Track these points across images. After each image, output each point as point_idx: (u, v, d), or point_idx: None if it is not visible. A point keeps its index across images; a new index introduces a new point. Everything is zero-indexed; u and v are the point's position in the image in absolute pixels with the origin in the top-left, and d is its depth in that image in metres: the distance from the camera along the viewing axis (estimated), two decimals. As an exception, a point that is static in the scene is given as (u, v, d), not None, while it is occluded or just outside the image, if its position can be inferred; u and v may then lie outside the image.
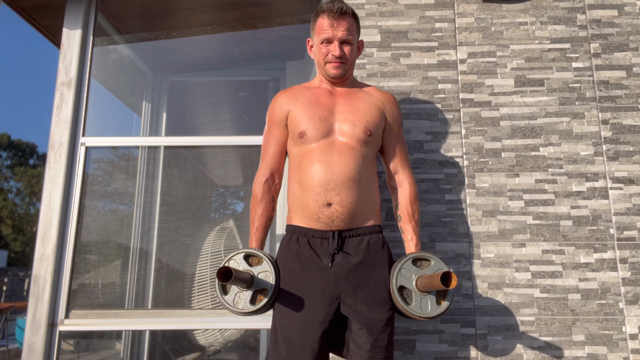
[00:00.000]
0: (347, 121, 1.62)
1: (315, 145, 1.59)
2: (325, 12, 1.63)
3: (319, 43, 1.65)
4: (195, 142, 2.40)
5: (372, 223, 1.61)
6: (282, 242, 1.64)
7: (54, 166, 2.18)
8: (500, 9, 2.25)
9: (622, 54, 2.18)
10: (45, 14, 2.55)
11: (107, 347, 3.44)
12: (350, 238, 1.56)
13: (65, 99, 2.26)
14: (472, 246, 2.00)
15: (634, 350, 1.89)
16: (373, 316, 1.50)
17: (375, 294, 1.53)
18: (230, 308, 1.50)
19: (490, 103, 2.15)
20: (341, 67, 1.65)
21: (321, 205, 1.54)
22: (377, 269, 1.56)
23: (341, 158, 1.56)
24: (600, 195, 2.04)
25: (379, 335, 1.50)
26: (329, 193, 1.54)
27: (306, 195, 1.57)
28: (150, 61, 3.40)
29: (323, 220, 1.55)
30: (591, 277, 1.96)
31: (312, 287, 1.52)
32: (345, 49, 1.64)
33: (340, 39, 1.62)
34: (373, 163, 1.68)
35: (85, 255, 2.44)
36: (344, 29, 1.62)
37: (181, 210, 2.97)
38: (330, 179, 1.54)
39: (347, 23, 1.62)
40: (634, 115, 2.12)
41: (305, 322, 1.49)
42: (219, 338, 3.12)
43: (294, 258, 1.56)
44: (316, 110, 1.63)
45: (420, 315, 1.50)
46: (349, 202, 1.54)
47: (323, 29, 1.63)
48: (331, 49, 1.63)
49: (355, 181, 1.56)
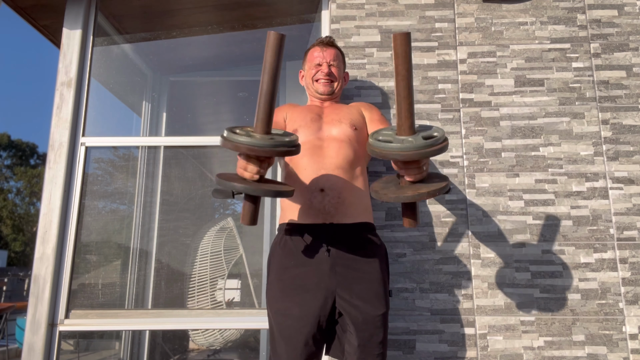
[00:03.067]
0: (334, 120, 1.76)
1: (307, 140, 1.69)
2: (315, 45, 1.90)
3: (310, 69, 1.88)
4: (195, 142, 2.40)
5: (365, 219, 1.64)
6: (274, 241, 1.67)
7: (54, 166, 2.18)
8: (500, 9, 2.25)
9: (622, 54, 2.18)
10: (45, 14, 2.54)
11: (107, 347, 3.44)
12: (343, 232, 1.57)
13: (65, 99, 2.26)
14: (472, 246, 2.00)
15: (634, 350, 1.89)
16: (369, 311, 1.51)
17: (371, 289, 1.54)
18: (241, 140, 1.25)
19: (490, 103, 2.15)
20: (329, 84, 1.85)
21: (313, 191, 1.59)
22: (373, 264, 1.58)
23: (331, 149, 1.66)
24: (600, 195, 2.04)
25: (374, 330, 1.51)
26: (320, 179, 1.60)
27: (299, 184, 1.62)
28: (150, 61, 3.40)
29: (315, 205, 1.57)
30: (591, 277, 1.96)
31: (307, 282, 1.53)
32: (333, 69, 1.85)
33: (329, 63, 1.85)
34: (363, 161, 1.72)
35: (85, 255, 2.44)
36: (332, 55, 1.86)
37: (181, 210, 2.97)
38: (322, 167, 1.62)
39: (334, 52, 1.88)
40: (634, 115, 2.12)
41: (301, 318, 1.50)
42: (219, 338, 3.12)
43: (287, 254, 1.58)
44: (308, 114, 1.78)
45: (403, 150, 1.17)
46: (339, 187, 1.59)
47: (314, 56, 1.87)
48: (321, 68, 1.85)
49: (345, 170, 1.63)
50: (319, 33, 2.34)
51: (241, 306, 3.03)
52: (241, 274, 3.06)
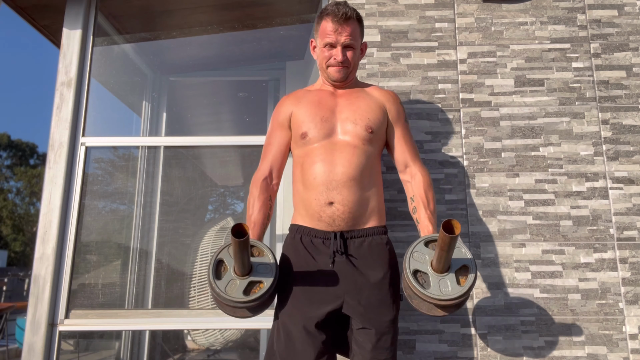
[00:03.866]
0: (349, 120, 1.62)
1: (318, 145, 1.60)
2: (330, 15, 1.62)
3: (322, 46, 1.65)
4: (195, 142, 2.40)
5: (375, 224, 1.59)
6: (286, 240, 1.65)
7: (54, 166, 2.18)
8: (500, 9, 2.25)
9: (622, 54, 2.18)
10: (45, 14, 2.55)
11: (107, 347, 3.43)
12: (352, 239, 1.55)
13: (65, 99, 2.26)
14: (472, 246, 2.00)
15: (634, 350, 1.89)
16: (377, 317, 1.49)
17: (379, 295, 1.52)
18: (220, 294, 1.34)
19: (490, 103, 2.15)
20: (343, 71, 1.65)
21: (323, 204, 1.54)
22: (381, 270, 1.55)
23: (343, 157, 1.57)
24: (600, 195, 2.04)
25: (382, 335, 1.49)
26: (330, 192, 1.54)
27: (309, 194, 1.57)
28: (150, 61, 3.40)
29: (325, 219, 1.55)
30: (591, 277, 1.96)
31: (316, 286, 1.51)
32: (348, 53, 1.64)
33: (344, 44, 1.62)
34: (377, 162, 1.67)
35: (85, 255, 2.44)
36: (348, 33, 1.61)
37: (181, 210, 2.97)
38: (332, 178, 1.55)
39: (351, 28, 1.62)
40: (634, 115, 2.12)
41: (307, 318, 1.48)
42: (219, 338, 3.12)
43: (298, 256, 1.56)
44: (318, 111, 1.64)
45: (441, 298, 1.33)
46: (350, 202, 1.54)
47: (327, 32, 1.63)
48: (334, 53, 1.63)
49: (357, 181, 1.56)
50: (319, 33, 2.34)
51: (241, 306, 3.02)
52: (241, 274, 3.05)
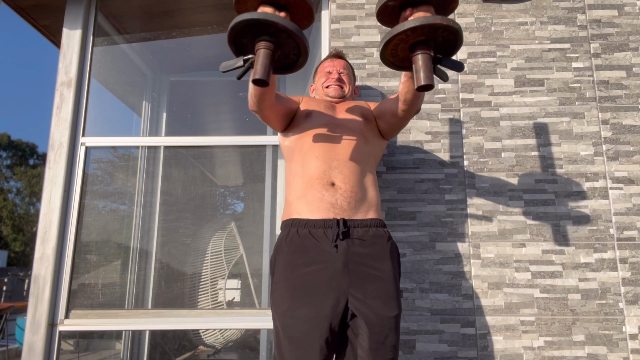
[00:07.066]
0: (346, 112, 1.77)
1: (319, 125, 1.69)
2: (326, 57, 1.98)
3: (320, 78, 1.92)
4: (195, 142, 2.40)
5: (375, 216, 1.58)
6: (279, 239, 1.58)
7: (54, 166, 2.18)
8: (500, 9, 2.25)
9: (622, 54, 2.18)
10: (45, 14, 2.55)
11: (107, 347, 3.44)
12: (355, 228, 1.51)
13: (65, 99, 2.26)
14: (472, 246, 2.00)
15: (634, 350, 1.89)
16: (383, 312, 1.44)
17: (385, 289, 1.47)
18: None
19: (490, 103, 2.15)
20: (340, 89, 1.87)
21: (325, 184, 1.53)
22: (385, 262, 1.51)
23: (344, 139, 1.64)
24: (600, 195, 2.04)
25: (388, 332, 1.44)
26: (332, 171, 1.56)
27: (309, 176, 1.56)
28: (150, 61, 3.40)
29: (327, 200, 1.51)
30: (591, 277, 1.96)
31: (317, 281, 1.45)
32: (343, 76, 1.89)
33: (339, 71, 1.90)
34: (372, 160, 1.68)
35: (85, 255, 2.44)
36: (342, 65, 1.92)
37: (181, 210, 2.97)
38: (334, 157, 1.58)
39: (344, 63, 1.94)
40: (634, 115, 2.12)
41: (311, 319, 1.41)
42: (219, 338, 3.12)
43: (296, 252, 1.49)
44: (322, 103, 1.81)
45: None
46: (352, 181, 1.55)
47: (324, 67, 1.93)
48: (331, 75, 1.89)
49: (358, 162, 1.60)
50: (319, 33, 2.34)
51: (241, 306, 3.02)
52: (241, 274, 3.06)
